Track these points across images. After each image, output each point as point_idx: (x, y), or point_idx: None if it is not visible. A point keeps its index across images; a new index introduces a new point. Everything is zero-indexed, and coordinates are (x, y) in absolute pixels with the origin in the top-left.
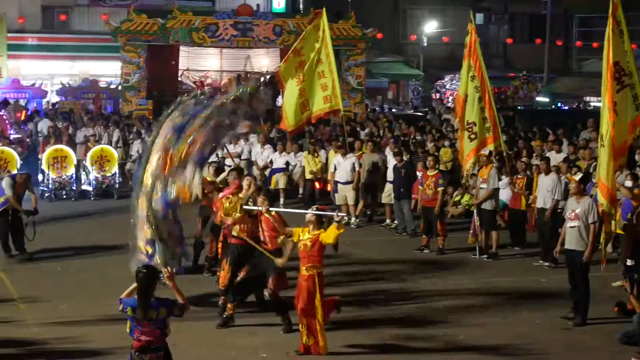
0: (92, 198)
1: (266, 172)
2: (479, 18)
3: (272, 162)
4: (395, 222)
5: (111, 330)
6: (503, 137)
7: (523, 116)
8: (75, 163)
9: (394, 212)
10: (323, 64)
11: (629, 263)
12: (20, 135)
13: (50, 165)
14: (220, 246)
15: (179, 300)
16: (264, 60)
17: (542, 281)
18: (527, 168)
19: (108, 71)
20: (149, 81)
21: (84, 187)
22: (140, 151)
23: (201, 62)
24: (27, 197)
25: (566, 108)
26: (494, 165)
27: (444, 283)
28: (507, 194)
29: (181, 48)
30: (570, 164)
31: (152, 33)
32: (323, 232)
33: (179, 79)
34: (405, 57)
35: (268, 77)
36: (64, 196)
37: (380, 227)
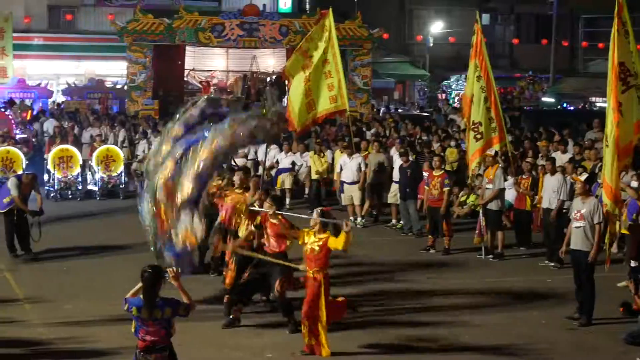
0: (98, 198)
1: (272, 172)
2: (485, 18)
3: (278, 162)
4: (401, 222)
5: (117, 330)
6: (509, 138)
7: (529, 116)
8: (80, 163)
9: (400, 212)
10: (330, 64)
11: (633, 264)
12: (25, 135)
13: (55, 165)
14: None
15: (185, 300)
16: (270, 60)
17: (548, 281)
18: (533, 168)
19: (114, 71)
20: (155, 81)
21: (90, 187)
22: (145, 151)
23: (207, 62)
24: (33, 197)
25: (572, 108)
26: (500, 165)
27: (450, 283)
28: (513, 194)
29: (187, 48)
30: (575, 165)
31: (158, 33)
32: (331, 237)
33: (185, 79)
34: (411, 58)
35: (274, 77)
36: (70, 196)
37: (386, 227)
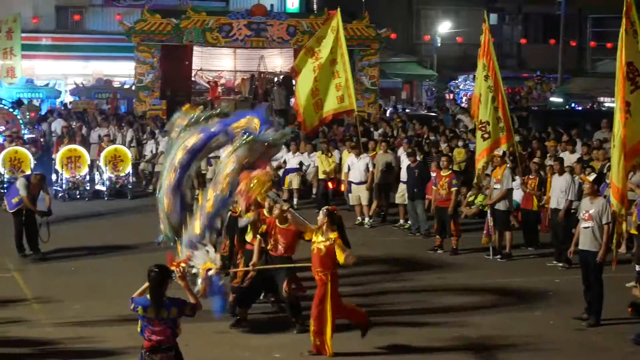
0: (106, 198)
1: (280, 172)
2: (493, 18)
3: (286, 162)
4: (408, 223)
5: (124, 330)
6: (516, 138)
7: (537, 116)
8: (88, 163)
9: (408, 213)
10: (338, 64)
11: (639, 268)
12: (34, 135)
13: (63, 165)
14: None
15: (191, 300)
16: (278, 60)
17: (556, 282)
18: (540, 168)
19: (122, 71)
20: (163, 81)
21: (98, 187)
22: (153, 151)
23: (215, 62)
24: (42, 197)
25: (580, 109)
26: (508, 165)
27: (457, 283)
28: (520, 195)
29: (195, 48)
30: (584, 165)
31: (166, 33)
32: (338, 243)
33: (193, 79)
34: (418, 58)
35: (282, 78)
36: (78, 196)
37: (393, 228)
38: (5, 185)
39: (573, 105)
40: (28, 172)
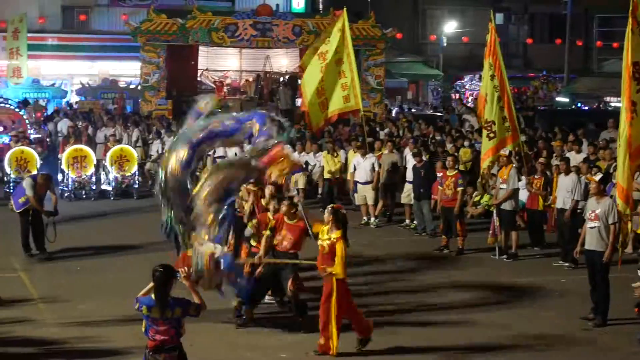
0: (112, 198)
1: None
2: (499, 18)
3: None
4: (414, 222)
5: (130, 330)
6: (522, 138)
7: (543, 116)
8: (94, 163)
9: (414, 213)
10: (344, 64)
11: None
12: (40, 135)
13: (69, 165)
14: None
15: (195, 300)
16: (283, 60)
17: (562, 282)
18: (547, 168)
19: (128, 71)
20: (169, 81)
21: (104, 187)
22: (159, 151)
23: (220, 62)
24: (48, 197)
25: (586, 108)
26: (514, 165)
27: (463, 283)
28: (526, 194)
29: (200, 48)
30: (590, 164)
31: (172, 33)
32: (339, 245)
33: (199, 79)
34: (424, 57)
35: (287, 78)
36: (84, 196)
37: (399, 227)
38: (11, 185)
39: (579, 105)
40: (34, 172)
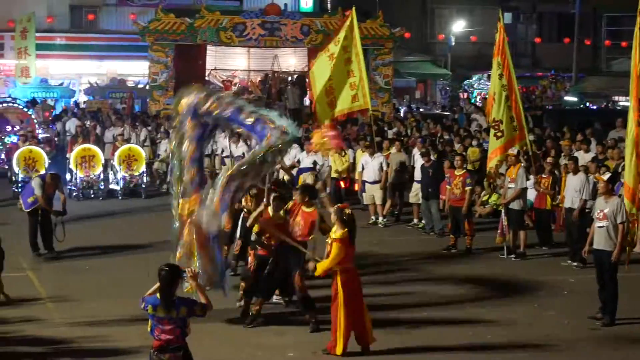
0: (120, 197)
1: (293, 172)
2: (507, 17)
3: (300, 162)
4: (422, 222)
5: (138, 329)
6: (530, 137)
7: (551, 116)
8: (103, 162)
9: (422, 212)
10: (353, 63)
11: None
12: (48, 134)
13: (78, 164)
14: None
15: (202, 299)
16: (292, 59)
17: (570, 281)
18: (555, 167)
19: (136, 70)
20: (177, 80)
21: (112, 187)
22: (167, 150)
23: (229, 62)
24: (57, 196)
25: (594, 108)
26: (522, 165)
27: (471, 283)
28: (534, 194)
29: (209, 47)
30: (598, 164)
31: (180, 32)
32: (335, 245)
33: (207, 79)
34: (432, 57)
35: (295, 77)
36: (92, 195)
37: (407, 227)
38: (20, 184)
39: (587, 104)
40: (42, 172)
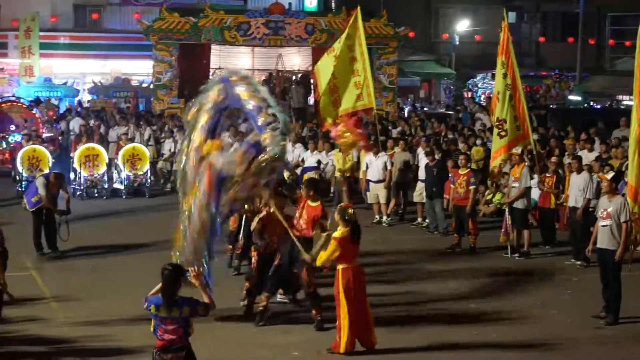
0: (124, 196)
1: (298, 171)
2: (511, 17)
3: (304, 161)
4: (426, 221)
5: (141, 329)
6: (534, 136)
7: (555, 115)
8: (107, 161)
9: (426, 211)
10: (357, 62)
11: None
12: (52, 133)
13: (82, 163)
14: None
15: (205, 299)
16: (296, 58)
17: (574, 280)
18: (559, 166)
19: (140, 70)
20: (181, 80)
21: (116, 186)
22: (171, 149)
23: (233, 61)
24: (61, 195)
25: (598, 107)
26: (526, 164)
27: (475, 282)
28: (538, 193)
29: (213, 47)
30: (602, 163)
31: (184, 32)
32: (331, 244)
33: (211, 78)
34: (437, 56)
35: (300, 76)
36: (96, 194)
37: (411, 226)
38: (24, 184)
39: (591, 103)
40: (46, 171)
